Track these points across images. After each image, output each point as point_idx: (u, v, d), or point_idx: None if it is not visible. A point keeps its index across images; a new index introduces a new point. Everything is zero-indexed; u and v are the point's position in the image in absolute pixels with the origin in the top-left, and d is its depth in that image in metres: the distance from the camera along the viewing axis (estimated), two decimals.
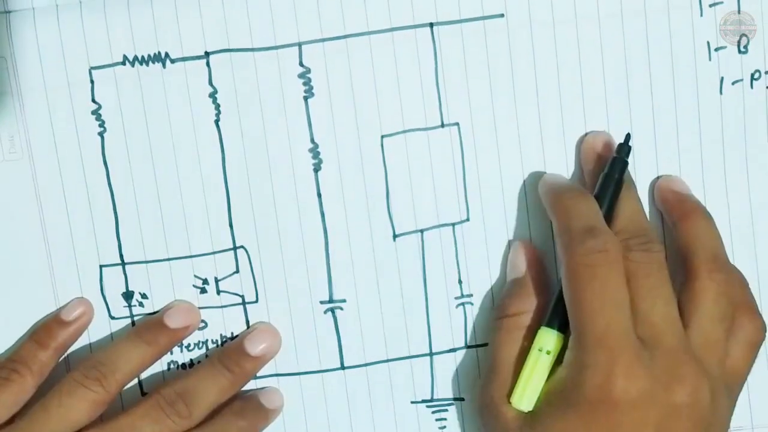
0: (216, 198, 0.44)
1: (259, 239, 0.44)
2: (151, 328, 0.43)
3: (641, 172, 0.44)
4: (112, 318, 0.44)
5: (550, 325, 0.40)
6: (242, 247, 0.44)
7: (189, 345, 0.45)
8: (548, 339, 0.40)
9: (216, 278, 0.44)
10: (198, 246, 0.44)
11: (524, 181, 0.44)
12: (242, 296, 0.44)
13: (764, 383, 0.45)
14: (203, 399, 0.42)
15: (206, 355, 0.45)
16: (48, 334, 0.43)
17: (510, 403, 0.40)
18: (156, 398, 0.41)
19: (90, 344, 0.44)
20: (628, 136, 0.42)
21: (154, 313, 0.44)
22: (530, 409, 0.40)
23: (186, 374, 0.42)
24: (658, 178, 0.44)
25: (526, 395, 0.40)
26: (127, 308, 0.44)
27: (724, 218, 0.44)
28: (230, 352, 0.43)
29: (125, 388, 0.43)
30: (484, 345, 0.45)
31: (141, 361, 0.42)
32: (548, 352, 0.40)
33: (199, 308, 0.44)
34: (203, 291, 0.44)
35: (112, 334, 0.44)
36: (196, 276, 0.44)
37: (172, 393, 0.41)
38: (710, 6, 0.43)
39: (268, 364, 0.44)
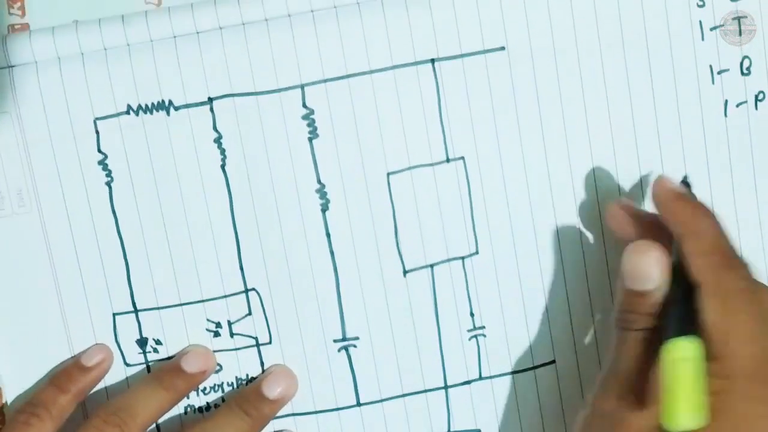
0: (225, 242, 0.44)
1: (270, 281, 0.44)
2: (169, 373, 0.43)
3: (650, 198, 0.44)
4: (128, 365, 0.45)
5: (682, 334, 0.36)
6: (254, 289, 0.44)
7: (205, 389, 0.45)
8: (686, 347, 0.35)
9: (229, 321, 0.44)
10: (209, 290, 0.44)
11: (531, 212, 0.44)
12: (256, 338, 0.45)
13: None
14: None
15: (222, 399, 0.45)
16: (68, 379, 0.43)
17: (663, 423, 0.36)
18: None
19: (106, 390, 0.45)
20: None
21: (170, 358, 0.44)
22: (701, 423, 0.35)
23: (205, 420, 0.43)
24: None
25: (690, 410, 0.34)
26: (142, 355, 0.45)
27: (735, 240, 0.44)
28: (248, 396, 0.43)
29: None
30: (499, 376, 0.45)
31: (159, 406, 0.42)
32: (687, 359, 0.35)
33: (214, 351, 0.45)
34: (217, 334, 0.45)
35: (128, 379, 0.45)
36: (208, 320, 0.44)
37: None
38: (711, 30, 0.43)
39: None
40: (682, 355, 0.35)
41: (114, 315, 0.44)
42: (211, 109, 0.43)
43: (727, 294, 0.36)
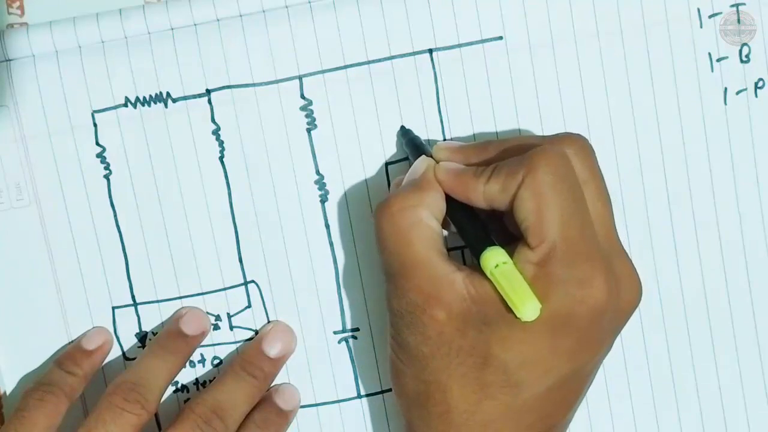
0: (224, 234, 0.44)
1: (270, 273, 0.44)
2: (172, 339, 0.43)
3: (650, 187, 0.44)
4: (127, 359, 0.44)
5: (493, 244, 0.37)
6: (253, 281, 0.44)
7: (204, 382, 0.45)
8: (499, 254, 0.36)
9: (228, 314, 0.44)
10: (209, 283, 0.44)
11: None
12: (255, 331, 0.44)
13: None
14: (235, 411, 0.42)
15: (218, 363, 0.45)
16: (74, 363, 0.43)
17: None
18: (192, 418, 0.41)
19: (106, 385, 0.44)
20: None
21: None
22: (538, 313, 0.35)
23: (214, 388, 0.42)
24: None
25: (527, 302, 0.35)
26: (141, 348, 0.44)
27: (737, 229, 0.44)
28: (251, 358, 0.43)
29: None
30: None
31: (170, 373, 0.42)
32: (504, 263, 0.36)
33: (213, 345, 0.45)
34: (216, 327, 0.44)
35: None
36: (208, 313, 0.44)
37: (206, 411, 0.41)
38: (710, 17, 0.43)
39: None
40: (495, 262, 0.36)
41: (113, 308, 0.44)
42: (209, 101, 0.43)
43: (536, 185, 0.36)
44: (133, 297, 0.44)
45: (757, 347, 0.45)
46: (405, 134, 0.43)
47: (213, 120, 0.43)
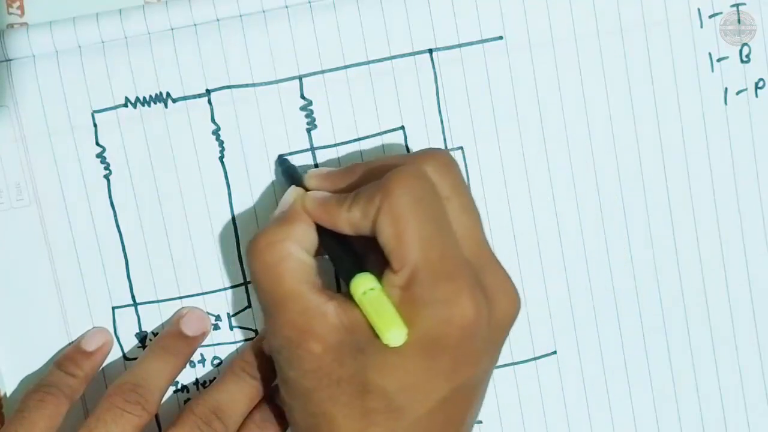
0: (224, 234, 0.44)
1: None
2: (173, 340, 0.43)
3: (650, 187, 0.44)
4: (127, 359, 0.44)
5: (362, 270, 0.36)
6: None
7: (204, 382, 0.45)
8: (368, 281, 0.36)
9: (228, 314, 0.44)
10: (209, 283, 0.44)
11: (531, 202, 0.44)
12: (255, 330, 0.44)
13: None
14: (235, 412, 0.42)
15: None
16: (74, 364, 0.43)
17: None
18: (193, 419, 0.41)
19: (106, 386, 0.44)
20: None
21: None
22: (404, 338, 0.35)
23: (214, 389, 0.42)
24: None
25: (392, 327, 0.35)
26: (141, 348, 0.44)
27: (737, 229, 0.44)
28: (250, 358, 0.43)
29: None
30: (500, 367, 0.45)
31: (171, 374, 0.42)
32: (372, 289, 0.36)
33: (213, 345, 0.45)
34: (216, 327, 0.44)
35: None
36: (208, 313, 0.44)
37: (206, 411, 0.41)
38: (710, 17, 0.43)
39: None
40: (363, 289, 0.36)
41: (113, 308, 0.44)
42: (209, 101, 0.43)
43: (392, 208, 0.35)
44: (133, 297, 0.44)
45: (757, 347, 0.45)
46: (281, 163, 0.43)
47: (213, 120, 0.43)
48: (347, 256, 0.38)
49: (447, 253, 0.36)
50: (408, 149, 0.43)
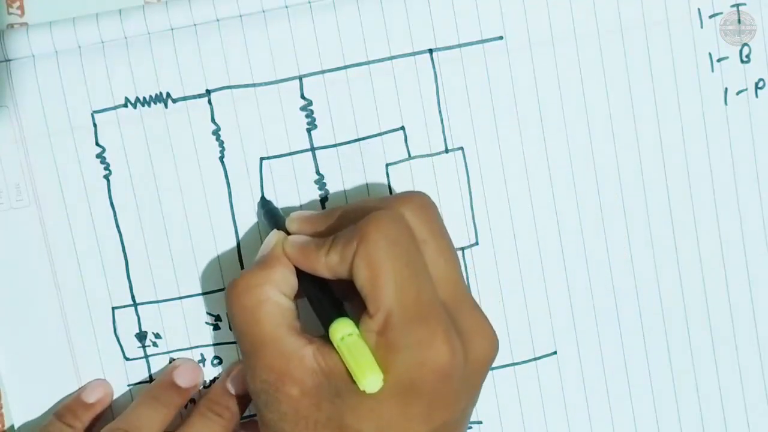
0: (224, 234, 0.44)
1: None
2: (165, 390, 0.43)
3: (650, 187, 0.44)
4: (127, 359, 0.44)
5: (340, 316, 0.37)
6: None
7: (206, 382, 0.45)
8: (346, 326, 0.36)
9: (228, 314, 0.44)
10: (209, 283, 0.44)
11: (531, 202, 0.44)
12: None
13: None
14: None
15: (193, 401, 0.44)
16: (73, 416, 0.43)
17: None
18: None
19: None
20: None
21: (168, 353, 0.44)
22: (380, 384, 0.35)
23: (182, 431, 0.42)
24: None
25: (368, 374, 0.35)
26: (141, 349, 0.44)
27: (737, 229, 0.44)
28: (216, 397, 0.43)
29: None
30: (501, 367, 0.45)
31: (161, 424, 0.43)
32: (350, 335, 0.36)
33: (213, 345, 0.44)
34: (216, 327, 0.44)
35: (127, 375, 0.44)
36: (208, 313, 0.44)
37: None
38: (710, 17, 0.43)
39: None
40: (341, 334, 0.36)
41: (113, 309, 0.44)
42: (209, 101, 0.43)
43: (368, 252, 0.36)
44: (133, 297, 0.44)
45: (757, 347, 0.45)
46: (264, 205, 0.43)
47: (213, 120, 0.43)
48: (326, 300, 0.38)
49: (422, 297, 0.36)
50: (408, 149, 0.43)
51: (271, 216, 0.42)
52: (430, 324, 0.35)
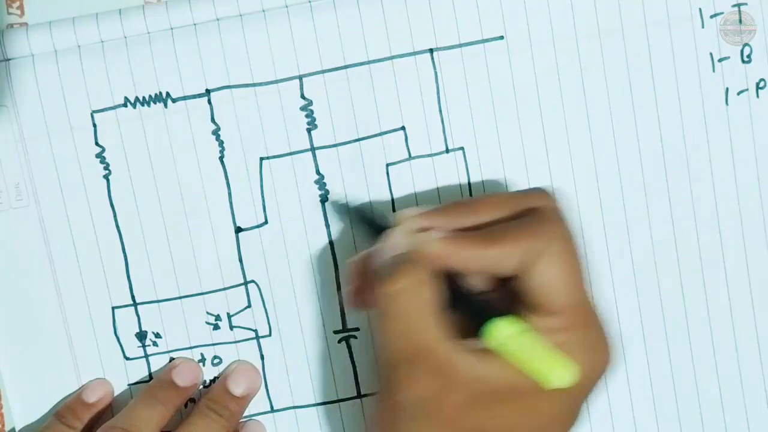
0: (225, 234, 0.44)
1: (270, 273, 0.44)
2: (164, 389, 0.43)
3: (651, 187, 0.44)
4: (127, 359, 0.44)
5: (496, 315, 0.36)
6: (253, 281, 0.44)
7: (206, 382, 0.45)
8: (511, 325, 0.35)
9: (228, 314, 0.44)
10: (209, 282, 0.44)
11: None
12: (255, 330, 0.44)
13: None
14: None
15: (194, 400, 0.45)
16: (74, 416, 0.43)
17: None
18: None
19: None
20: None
21: (168, 352, 0.44)
22: (573, 377, 0.35)
23: (182, 429, 0.42)
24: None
25: (557, 368, 0.35)
26: (141, 348, 0.44)
27: (737, 230, 0.44)
28: (216, 397, 0.43)
29: None
30: None
31: (159, 423, 0.43)
32: (519, 333, 0.35)
33: (213, 344, 0.44)
34: (216, 327, 0.44)
35: (127, 375, 0.45)
36: (208, 313, 0.44)
37: None
38: (711, 17, 0.43)
39: (284, 398, 0.45)
40: (509, 332, 0.35)
41: (113, 308, 0.44)
42: (209, 101, 0.43)
43: (562, 251, 0.35)
44: (133, 297, 0.44)
45: (757, 347, 0.45)
46: (357, 212, 0.42)
47: (213, 120, 0.43)
48: (477, 300, 0.36)
49: (591, 301, 0.37)
50: (408, 149, 0.43)
51: (368, 220, 0.40)
52: (597, 328, 0.36)
